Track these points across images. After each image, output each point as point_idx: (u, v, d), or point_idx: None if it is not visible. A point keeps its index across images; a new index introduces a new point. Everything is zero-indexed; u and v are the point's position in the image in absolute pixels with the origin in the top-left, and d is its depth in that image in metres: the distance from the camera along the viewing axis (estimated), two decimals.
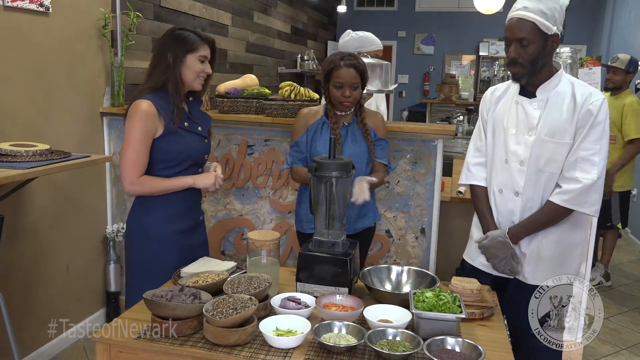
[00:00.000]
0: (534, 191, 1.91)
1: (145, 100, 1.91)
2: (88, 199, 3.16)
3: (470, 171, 2.08)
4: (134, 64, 3.46)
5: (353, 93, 2.17)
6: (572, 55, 2.90)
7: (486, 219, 2.01)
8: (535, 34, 1.81)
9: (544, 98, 1.89)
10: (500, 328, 1.63)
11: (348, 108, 2.22)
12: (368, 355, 1.42)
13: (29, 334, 2.75)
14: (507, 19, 1.87)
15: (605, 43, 7.35)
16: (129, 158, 1.90)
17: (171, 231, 2.01)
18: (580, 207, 1.85)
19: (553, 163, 1.88)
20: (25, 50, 2.62)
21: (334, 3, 8.54)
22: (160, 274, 1.93)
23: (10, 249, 2.60)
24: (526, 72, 1.86)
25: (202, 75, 2.00)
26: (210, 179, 2.02)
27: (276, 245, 1.81)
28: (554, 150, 1.86)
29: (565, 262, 1.96)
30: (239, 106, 3.08)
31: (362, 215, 2.31)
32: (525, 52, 1.82)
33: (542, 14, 1.79)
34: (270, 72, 6.23)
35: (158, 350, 1.45)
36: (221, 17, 4.84)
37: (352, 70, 2.15)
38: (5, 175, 1.97)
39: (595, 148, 1.83)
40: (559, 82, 1.90)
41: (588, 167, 1.83)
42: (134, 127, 1.90)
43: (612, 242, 4.33)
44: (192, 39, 1.96)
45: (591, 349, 3.23)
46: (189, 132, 2.01)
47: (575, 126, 1.84)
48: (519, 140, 1.92)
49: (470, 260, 2.10)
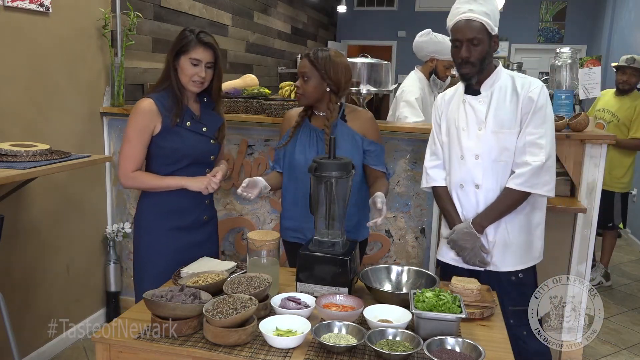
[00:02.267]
0: (492, 182, 2.01)
1: (147, 99, 2.00)
2: (88, 199, 3.16)
3: (429, 174, 2.18)
4: (134, 64, 3.46)
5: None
6: (572, 55, 2.90)
7: (451, 215, 2.10)
8: (484, 34, 1.93)
9: (488, 94, 2.01)
10: (500, 328, 1.63)
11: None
12: (368, 355, 1.42)
13: (29, 334, 2.75)
14: (453, 22, 1.96)
15: (605, 43, 7.35)
16: (124, 152, 2.01)
17: (165, 226, 2.08)
18: (534, 189, 1.95)
19: (505, 152, 1.98)
20: (25, 50, 2.62)
21: (334, 3, 8.54)
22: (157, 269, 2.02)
23: (10, 249, 2.60)
24: (476, 71, 1.96)
25: (196, 79, 1.98)
26: (201, 183, 2.03)
27: (276, 245, 1.81)
28: (505, 140, 1.97)
29: (530, 245, 2.07)
30: (239, 106, 3.08)
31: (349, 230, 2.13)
32: (476, 51, 1.93)
33: (486, 15, 1.92)
34: (270, 72, 6.23)
35: (158, 350, 1.45)
36: (221, 17, 4.84)
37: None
38: (5, 175, 1.97)
39: (540, 132, 1.94)
40: (499, 78, 2.02)
41: (536, 150, 1.93)
42: (132, 122, 1.99)
43: (612, 242, 4.33)
44: (187, 40, 1.96)
45: (591, 349, 3.23)
46: (189, 132, 2.04)
47: (520, 114, 1.96)
48: (470, 136, 2.02)
49: (441, 258, 2.18)
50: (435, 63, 3.36)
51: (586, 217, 2.73)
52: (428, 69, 3.40)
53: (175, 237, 2.08)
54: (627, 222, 5.56)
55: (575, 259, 2.77)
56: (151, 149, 2.03)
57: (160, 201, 2.07)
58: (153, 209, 2.09)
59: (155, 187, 2.03)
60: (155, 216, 2.08)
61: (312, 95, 2.08)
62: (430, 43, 3.31)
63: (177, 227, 2.09)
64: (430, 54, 3.35)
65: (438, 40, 3.29)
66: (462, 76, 2.02)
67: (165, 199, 2.06)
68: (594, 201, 2.72)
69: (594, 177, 2.71)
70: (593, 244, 2.80)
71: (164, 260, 2.05)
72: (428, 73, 3.41)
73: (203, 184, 2.03)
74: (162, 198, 2.06)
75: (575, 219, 2.74)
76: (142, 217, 2.11)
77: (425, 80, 3.43)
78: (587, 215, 2.72)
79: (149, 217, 2.09)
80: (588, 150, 2.68)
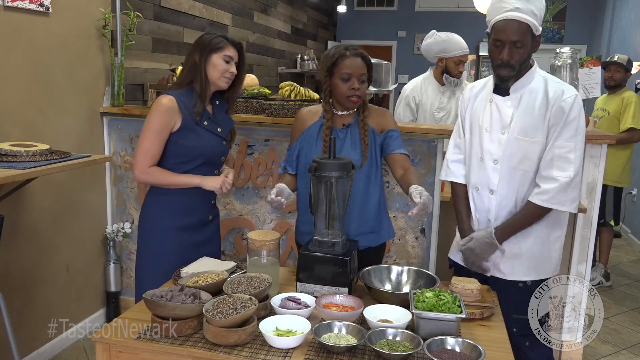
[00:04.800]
0: (508, 189, 1.92)
1: (167, 95, 2.02)
2: (88, 199, 3.16)
3: (449, 168, 2.10)
4: (134, 64, 3.46)
5: (362, 86, 1.97)
6: (572, 55, 2.90)
7: (462, 219, 2.04)
8: (527, 36, 1.80)
9: (517, 96, 1.89)
10: (500, 328, 1.63)
11: (356, 104, 2.00)
12: (368, 355, 1.42)
13: (29, 334, 2.75)
14: (496, 19, 1.81)
15: (605, 43, 7.35)
16: (143, 147, 2.02)
17: (174, 226, 2.09)
18: (560, 206, 1.86)
19: (526, 161, 1.88)
20: (25, 50, 2.62)
21: (334, 3, 8.54)
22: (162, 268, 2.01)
23: (10, 249, 2.60)
24: (514, 73, 1.85)
25: (227, 75, 2.06)
26: (217, 182, 2.06)
27: (276, 245, 1.81)
28: (527, 148, 1.87)
29: (545, 258, 1.98)
30: (239, 106, 3.08)
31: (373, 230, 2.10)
32: (518, 54, 1.81)
33: (533, 15, 1.78)
34: (270, 72, 6.23)
35: (158, 350, 1.45)
36: (221, 17, 4.84)
37: (359, 59, 1.96)
38: (5, 175, 1.98)
39: (569, 145, 1.82)
40: (532, 79, 1.89)
41: (564, 164, 1.82)
42: (152, 118, 2.01)
43: (608, 241, 4.33)
44: (217, 39, 2.05)
45: (591, 349, 3.23)
46: (206, 131, 2.08)
47: (547, 124, 1.84)
48: (492, 139, 1.93)
49: (452, 257, 2.13)
50: (445, 62, 3.39)
51: (586, 217, 2.73)
52: (439, 70, 3.45)
53: (181, 237, 2.10)
54: (627, 222, 5.56)
55: (575, 259, 2.77)
56: (168, 146, 2.05)
57: (169, 199, 2.09)
58: (160, 207, 2.10)
59: (171, 183, 2.05)
60: (163, 215, 2.10)
61: (363, 98, 2.02)
62: (435, 43, 3.35)
63: (183, 226, 2.10)
64: (438, 54, 3.39)
65: (442, 39, 3.32)
66: (499, 77, 1.89)
67: (174, 198, 2.08)
68: (594, 201, 2.72)
69: (593, 177, 2.71)
70: (593, 244, 2.80)
71: (170, 259, 2.05)
72: (440, 73, 3.46)
73: (218, 184, 2.06)
74: (171, 196, 2.08)
75: (575, 219, 2.74)
76: (149, 215, 2.13)
77: (432, 81, 3.47)
78: (587, 215, 2.72)
79: (156, 216, 2.11)
80: (588, 150, 2.67)
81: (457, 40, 3.33)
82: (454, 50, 3.31)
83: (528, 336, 1.80)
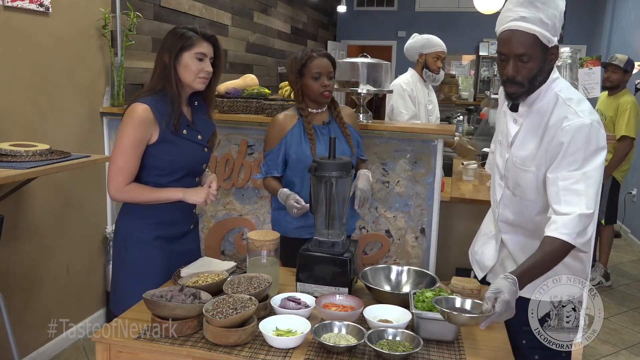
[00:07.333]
0: (507, 208, 1.77)
1: (142, 104, 1.80)
2: (88, 199, 3.16)
3: (489, 159, 1.99)
4: (133, 64, 3.46)
5: (330, 82, 2.17)
6: (572, 55, 2.90)
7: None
8: (536, 48, 1.56)
9: (524, 113, 1.68)
10: (500, 328, 1.63)
11: (328, 99, 2.21)
12: (368, 355, 1.42)
13: (29, 334, 2.75)
14: (501, 29, 1.61)
15: (605, 43, 7.35)
16: (117, 164, 1.81)
17: (155, 237, 1.92)
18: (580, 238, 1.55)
19: (519, 188, 1.70)
20: (25, 50, 2.62)
21: (334, 3, 8.54)
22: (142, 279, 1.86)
23: (10, 249, 2.60)
24: (524, 91, 1.61)
25: (202, 75, 1.85)
26: (201, 195, 1.89)
27: (276, 245, 1.80)
28: (518, 174, 1.69)
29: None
30: (239, 106, 3.08)
31: None
32: (524, 69, 1.58)
33: (543, 24, 1.55)
34: (270, 72, 6.23)
35: (158, 350, 1.45)
36: (221, 17, 4.84)
37: (325, 59, 2.17)
38: (5, 175, 1.97)
39: (576, 176, 1.54)
40: (544, 97, 1.64)
41: (573, 198, 1.53)
42: (127, 132, 1.80)
43: (609, 241, 4.32)
44: (187, 35, 1.82)
45: (591, 349, 3.23)
46: (186, 141, 1.89)
47: (544, 154, 1.62)
48: (502, 154, 1.78)
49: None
50: (424, 58, 3.56)
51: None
52: (420, 66, 3.62)
53: (165, 250, 1.94)
54: (627, 222, 5.56)
55: None
56: (145, 160, 1.85)
57: (149, 214, 1.90)
58: (141, 222, 1.91)
59: (151, 200, 1.86)
60: (144, 229, 1.91)
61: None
62: (415, 42, 3.57)
63: (166, 239, 1.94)
64: (417, 51, 3.57)
65: (422, 38, 3.55)
66: (509, 95, 1.66)
67: (155, 212, 1.90)
68: None
69: None
70: (593, 244, 2.79)
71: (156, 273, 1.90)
72: (420, 70, 3.62)
73: (202, 197, 1.88)
74: (152, 211, 1.89)
75: None
76: (129, 230, 1.93)
77: (417, 77, 3.63)
78: None
79: (137, 230, 1.91)
80: None
81: (435, 39, 3.55)
82: (432, 47, 3.52)
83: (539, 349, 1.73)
